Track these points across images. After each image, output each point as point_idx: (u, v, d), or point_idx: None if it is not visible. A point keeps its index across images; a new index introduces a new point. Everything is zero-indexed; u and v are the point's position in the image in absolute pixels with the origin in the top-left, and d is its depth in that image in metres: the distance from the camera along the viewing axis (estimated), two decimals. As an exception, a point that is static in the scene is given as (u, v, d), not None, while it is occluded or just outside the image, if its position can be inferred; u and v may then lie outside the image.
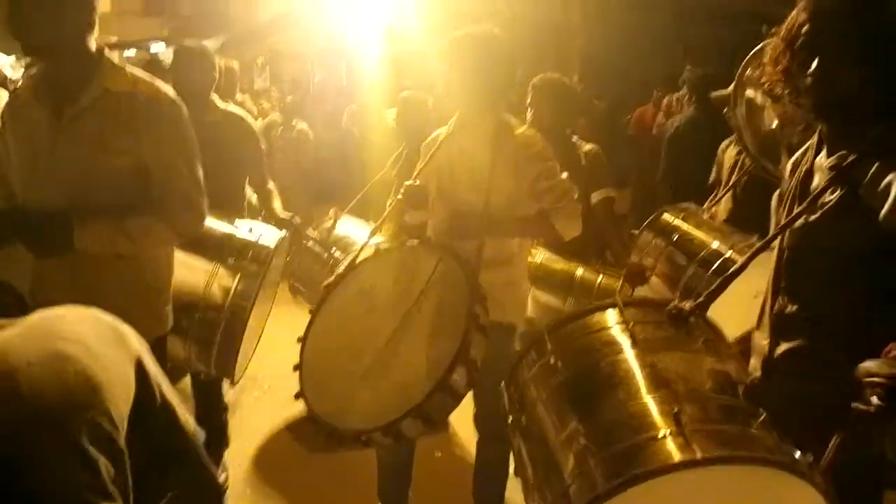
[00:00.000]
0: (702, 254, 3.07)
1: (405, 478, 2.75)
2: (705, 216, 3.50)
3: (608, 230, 3.63)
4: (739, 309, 1.97)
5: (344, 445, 2.20)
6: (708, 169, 4.16)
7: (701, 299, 1.69)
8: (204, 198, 2.20)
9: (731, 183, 3.79)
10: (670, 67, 7.60)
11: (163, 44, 19.29)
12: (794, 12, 1.68)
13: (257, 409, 3.97)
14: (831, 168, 1.67)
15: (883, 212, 1.53)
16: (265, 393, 4.11)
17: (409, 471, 2.75)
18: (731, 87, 3.07)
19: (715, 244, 3.08)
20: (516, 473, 1.73)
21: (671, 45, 9.25)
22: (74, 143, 2.04)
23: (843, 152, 1.64)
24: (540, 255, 3.51)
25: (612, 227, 3.69)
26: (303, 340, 2.37)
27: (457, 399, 2.12)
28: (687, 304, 1.65)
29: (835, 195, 1.65)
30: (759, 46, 2.55)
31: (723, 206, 3.76)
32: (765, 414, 1.39)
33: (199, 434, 1.38)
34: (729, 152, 4.06)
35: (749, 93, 2.97)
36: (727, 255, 2.91)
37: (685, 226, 3.31)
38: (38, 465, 0.99)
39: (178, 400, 1.33)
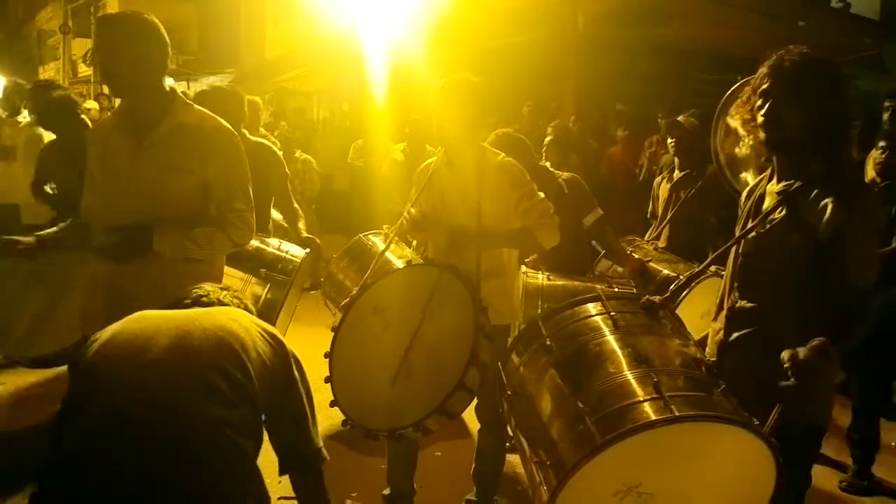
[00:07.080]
0: (657, 277, 3.79)
1: (411, 465, 3.09)
2: (650, 246, 4.14)
3: (608, 242, 4.06)
4: (691, 324, 2.30)
5: (378, 441, 2.53)
6: None
7: (667, 294, 2.13)
8: (253, 214, 2.58)
9: (668, 216, 4.39)
10: (662, 109, 8.08)
11: (171, 79, 19.75)
12: (761, 67, 2.09)
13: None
14: (779, 193, 2.09)
15: (822, 225, 1.93)
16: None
17: (415, 458, 3.09)
18: (715, 115, 3.54)
19: (665, 271, 3.85)
20: (513, 443, 2.02)
21: (666, 87, 9.78)
22: (150, 165, 2.45)
23: (791, 181, 2.06)
24: (555, 278, 3.60)
25: (611, 238, 4.08)
26: (329, 355, 2.68)
27: (472, 395, 2.49)
28: (657, 298, 2.06)
29: (781, 214, 2.06)
30: (738, 83, 3.06)
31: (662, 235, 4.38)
32: (724, 385, 1.78)
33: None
34: (663, 187, 4.52)
35: (730, 122, 3.40)
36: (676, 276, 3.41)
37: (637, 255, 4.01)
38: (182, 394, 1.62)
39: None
